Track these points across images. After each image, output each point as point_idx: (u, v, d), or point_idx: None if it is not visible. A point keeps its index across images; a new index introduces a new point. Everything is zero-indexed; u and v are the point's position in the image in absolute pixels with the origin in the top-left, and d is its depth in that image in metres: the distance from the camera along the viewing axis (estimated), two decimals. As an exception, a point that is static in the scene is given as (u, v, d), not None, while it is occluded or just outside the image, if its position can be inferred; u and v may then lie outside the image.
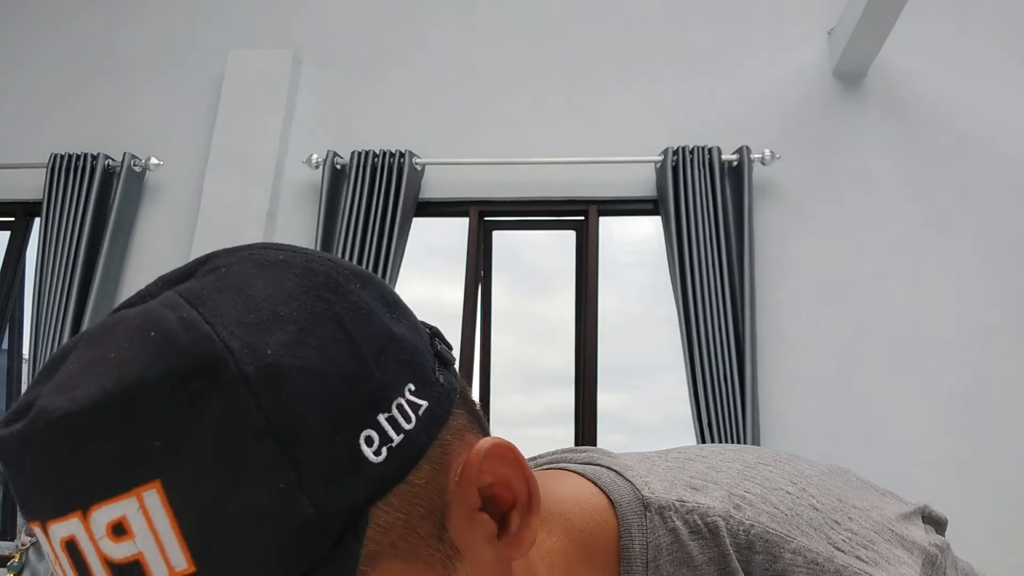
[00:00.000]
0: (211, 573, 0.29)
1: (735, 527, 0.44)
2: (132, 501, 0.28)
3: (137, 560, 0.29)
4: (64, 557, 0.30)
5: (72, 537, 0.29)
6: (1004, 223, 2.73)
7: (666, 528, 0.45)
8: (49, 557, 0.31)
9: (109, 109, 3.25)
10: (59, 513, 0.30)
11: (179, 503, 0.29)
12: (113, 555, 0.29)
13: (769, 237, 2.75)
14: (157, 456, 0.29)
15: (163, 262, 2.95)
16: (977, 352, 2.59)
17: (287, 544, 0.30)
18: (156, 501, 0.28)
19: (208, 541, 0.29)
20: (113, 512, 0.29)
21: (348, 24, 3.27)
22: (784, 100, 2.94)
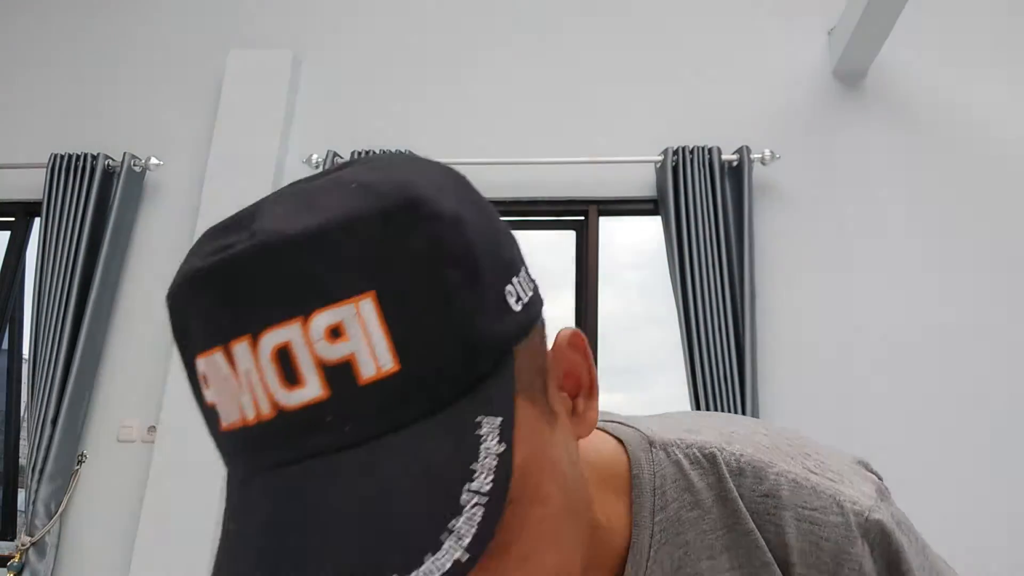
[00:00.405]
0: (412, 372, 0.34)
1: (728, 457, 0.52)
2: (350, 308, 0.34)
3: (349, 360, 0.33)
4: (272, 366, 0.34)
5: (287, 343, 0.34)
6: (1004, 223, 2.73)
7: (670, 460, 0.53)
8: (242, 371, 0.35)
9: (109, 109, 3.25)
10: (281, 319, 0.34)
11: (389, 312, 0.34)
12: (327, 356, 0.33)
13: (769, 237, 2.75)
14: (373, 272, 0.34)
15: (163, 262, 2.96)
16: (978, 352, 2.59)
17: (464, 357, 0.36)
18: (371, 308, 0.34)
19: (411, 345, 0.34)
20: (332, 317, 0.33)
21: (348, 24, 3.27)
22: (784, 100, 2.94)
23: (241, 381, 0.35)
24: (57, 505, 2.67)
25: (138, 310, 2.94)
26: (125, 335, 2.92)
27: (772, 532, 0.50)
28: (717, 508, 0.51)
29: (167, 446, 2.68)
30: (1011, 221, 2.72)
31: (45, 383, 2.73)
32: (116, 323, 2.93)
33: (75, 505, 2.72)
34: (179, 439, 2.68)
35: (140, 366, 2.86)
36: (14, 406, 3.41)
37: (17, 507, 3.10)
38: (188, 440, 2.68)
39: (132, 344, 2.90)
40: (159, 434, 2.70)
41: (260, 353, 0.34)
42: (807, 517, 0.50)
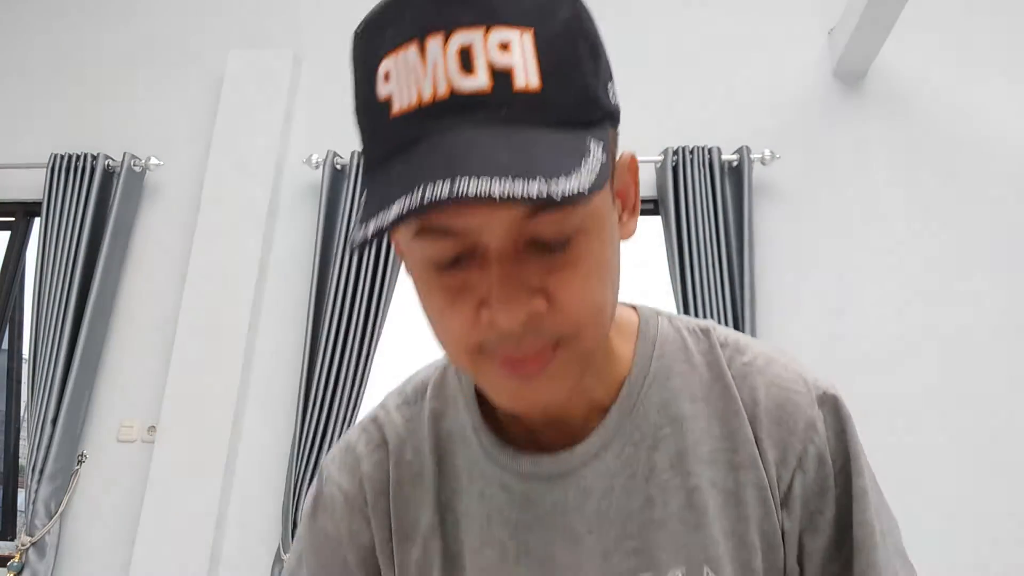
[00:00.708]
0: (549, 95, 0.46)
1: (719, 332, 0.65)
2: (517, 33, 0.46)
3: (510, 70, 0.45)
4: (455, 58, 0.45)
5: (470, 44, 0.45)
6: (1004, 222, 2.72)
7: (672, 327, 0.66)
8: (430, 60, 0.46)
9: (109, 109, 3.24)
10: (470, 23, 0.45)
11: (541, 48, 0.46)
12: (496, 61, 0.45)
13: (769, 237, 2.75)
14: (536, 17, 0.46)
15: (163, 262, 2.96)
16: (978, 351, 2.59)
17: (582, 101, 0.48)
18: (529, 40, 0.46)
19: (551, 76, 0.46)
20: (505, 35, 0.45)
21: (348, 24, 3.22)
22: (784, 100, 2.94)
23: (427, 69, 0.45)
24: (57, 505, 2.67)
25: (138, 310, 2.94)
26: (125, 335, 2.92)
27: (747, 392, 0.61)
28: (704, 367, 0.63)
29: (167, 446, 2.68)
30: (1011, 221, 2.72)
31: (45, 383, 2.73)
32: (116, 323, 2.93)
33: (75, 505, 2.72)
34: (179, 439, 2.68)
35: (140, 366, 2.86)
36: (14, 406, 3.41)
37: (17, 507, 3.10)
38: (188, 440, 2.68)
39: (132, 344, 2.90)
40: (159, 434, 2.70)
41: (449, 47, 0.45)
42: (776, 383, 0.62)
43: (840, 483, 0.60)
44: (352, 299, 2.72)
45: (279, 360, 2.81)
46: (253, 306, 2.82)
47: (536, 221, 0.47)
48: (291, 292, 2.88)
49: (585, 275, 0.50)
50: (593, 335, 0.52)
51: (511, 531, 0.60)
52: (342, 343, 2.67)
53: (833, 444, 0.60)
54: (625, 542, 0.59)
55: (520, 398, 0.52)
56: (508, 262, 0.48)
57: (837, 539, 0.60)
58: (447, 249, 0.48)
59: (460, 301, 0.49)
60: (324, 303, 2.74)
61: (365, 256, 2.76)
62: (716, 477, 0.60)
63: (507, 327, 0.47)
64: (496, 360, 0.50)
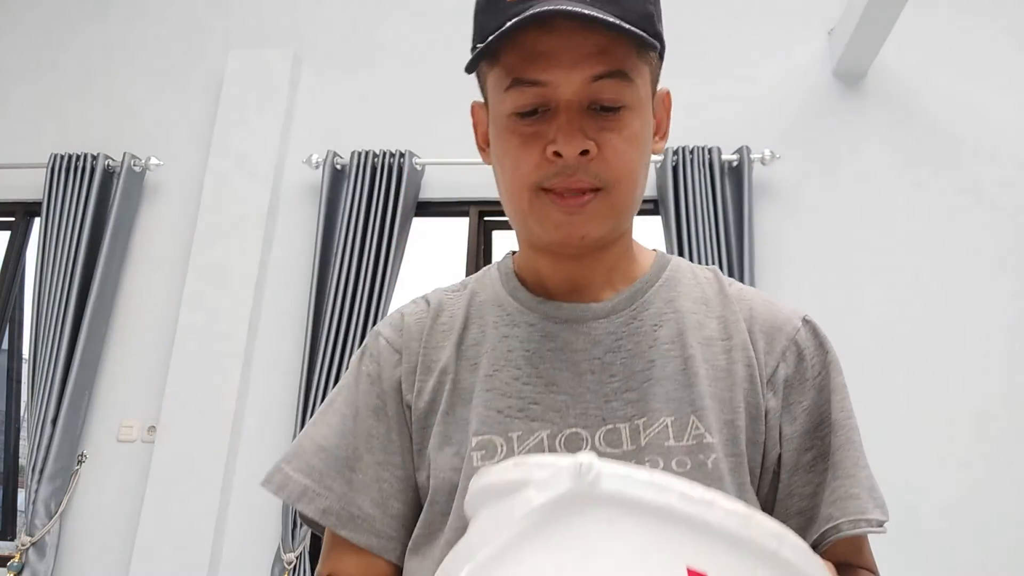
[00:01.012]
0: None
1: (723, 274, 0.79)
2: None
3: None
4: None
5: None
6: (1004, 222, 2.72)
7: (685, 263, 0.79)
8: None
9: (109, 109, 3.25)
10: None
11: None
12: None
13: (769, 237, 2.75)
14: None
15: (163, 262, 2.96)
16: (978, 351, 2.59)
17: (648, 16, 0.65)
18: None
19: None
20: None
21: (348, 24, 3.27)
22: (784, 100, 2.94)
23: None
24: (57, 505, 2.67)
25: (138, 310, 2.94)
26: (125, 335, 2.92)
27: (743, 304, 0.74)
28: (707, 285, 0.76)
29: (167, 446, 2.68)
30: (1011, 220, 2.72)
31: (45, 383, 2.73)
32: (116, 323, 2.93)
33: (75, 505, 2.72)
34: (179, 439, 2.68)
35: (140, 366, 2.86)
36: (14, 406, 3.41)
37: (17, 507, 3.10)
38: (188, 440, 2.68)
39: (132, 344, 2.90)
40: (159, 434, 2.70)
41: None
42: (768, 302, 0.75)
43: (819, 382, 0.71)
44: (352, 299, 2.72)
45: (279, 360, 2.81)
46: (253, 306, 2.82)
47: (599, 85, 0.63)
48: (291, 292, 2.88)
49: (627, 140, 0.66)
50: (625, 192, 0.67)
51: (527, 358, 0.71)
52: (342, 343, 2.67)
53: (812, 348, 0.73)
54: (626, 393, 0.68)
55: (565, 228, 0.66)
56: (573, 112, 0.64)
57: (811, 430, 0.70)
58: (529, 98, 0.65)
59: (532, 144, 0.65)
60: (324, 303, 2.74)
61: (365, 256, 2.76)
62: (710, 355, 0.70)
63: (567, 154, 0.63)
64: (550, 196, 0.66)
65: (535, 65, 0.63)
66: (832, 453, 0.69)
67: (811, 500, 0.68)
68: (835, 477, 0.68)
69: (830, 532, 0.66)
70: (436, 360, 0.74)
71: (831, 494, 0.67)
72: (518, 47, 0.64)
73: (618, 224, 0.70)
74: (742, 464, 0.67)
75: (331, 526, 0.70)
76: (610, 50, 0.63)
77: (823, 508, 0.67)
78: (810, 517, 0.68)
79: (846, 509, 0.66)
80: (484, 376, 0.71)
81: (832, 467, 0.68)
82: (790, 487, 0.69)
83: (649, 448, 0.66)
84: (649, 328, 0.72)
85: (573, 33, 0.62)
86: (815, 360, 0.72)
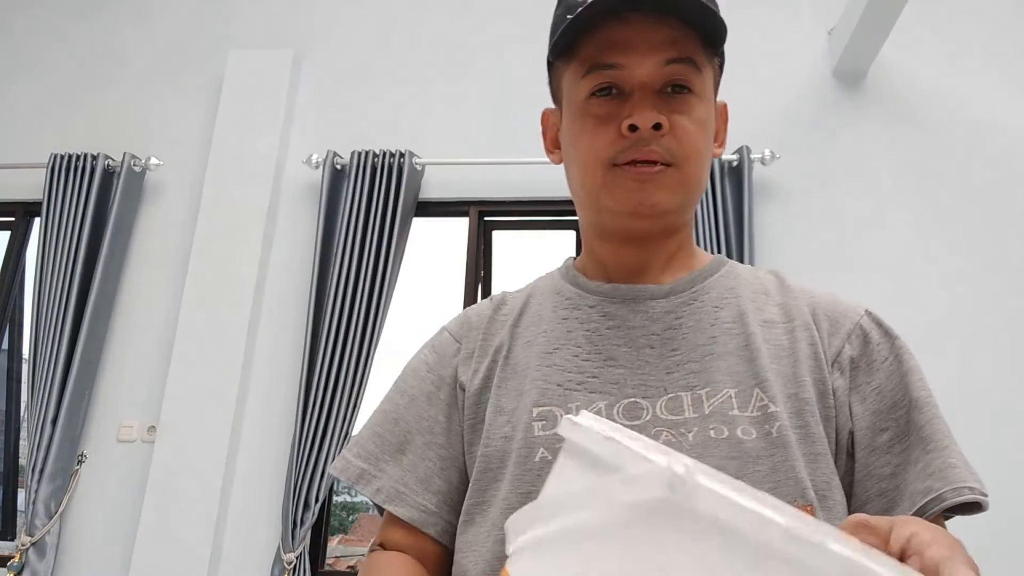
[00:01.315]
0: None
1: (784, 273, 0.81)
2: None
3: None
4: None
5: None
6: (1004, 222, 2.72)
7: (746, 265, 0.83)
8: None
9: (109, 109, 3.25)
10: None
11: None
12: None
13: (769, 237, 2.75)
14: None
15: (163, 262, 2.96)
16: (978, 351, 2.59)
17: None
18: None
19: None
20: None
21: (348, 24, 3.27)
22: (784, 100, 2.94)
23: None
24: (57, 505, 2.67)
25: (138, 310, 2.94)
26: (125, 335, 2.92)
27: (805, 296, 0.76)
28: (768, 280, 0.79)
29: (167, 446, 2.68)
30: (1011, 221, 2.72)
31: (45, 383, 2.73)
32: (116, 323, 2.93)
33: (75, 505, 2.72)
34: (179, 439, 2.68)
35: (140, 366, 2.86)
36: (14, 406, 3.41)
37: (17, 507, 3.10)
38: (188, 440, 2.68)
39: (132, 344, 2.90)
40: (159, 434, 2.70)
41: None
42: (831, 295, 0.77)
43: (889, 366, 0.72)
44: (352, 299, 2.72)
45: (279, 360, 2.81)
46: (253, 306, 2.82)
47: (671, 68, 0.69)
48: (291, 292, 2.88)
49: (695, 122, 0.70)
50: (693, 170, 0.71)
51: (587, 336, 0.74)
52: (342, 343, 2.67)
53: (878, 334, 0.73)
54: (688, 364, 0.70)
55: (637, 195, 0.70)
56: (648, 92, 0.69)
57: (884, 410, 0.70)
58: (606, 79, 0.70)
59: (607, 123, 0.70)
60: (324, 303, 2.74)
61: (365, 256, 2.76)
62: (771, 335, 0.72)
63: (642, 125, 0.67)
64: (623, 168, 0.70)
65: (612, 51, 0.69)
66: (920, 428, 0.69)
67: (892, 481, 0.68)
68: (927, 451, 0.67)
69: (931, 504, 0.64)
70: (492, 343, 0.79)
71: (925, 468, 0.66)
72: (595, 39, 0.70)
73: (685, 202, 0.73)
74: (810, 436, 0.67)
75: (381, 503, 0.76)
76: (681, 41, 0.69)
77: (915, 483, 0.66)
78: (893, 498, 0.67)
79: (947, 478, 0.65)
80: (543, 353, 0.74)
81: (922, 442, 0.68)
82: (867, 467, 0.69)
83: (713, 416, 0.67)
84: (710, 308, 0.74)
85: (647, 25, 0.68)
86: (882, 345, 0.73)
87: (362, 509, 4.28)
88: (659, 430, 0.67)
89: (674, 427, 0.67)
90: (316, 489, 2.56)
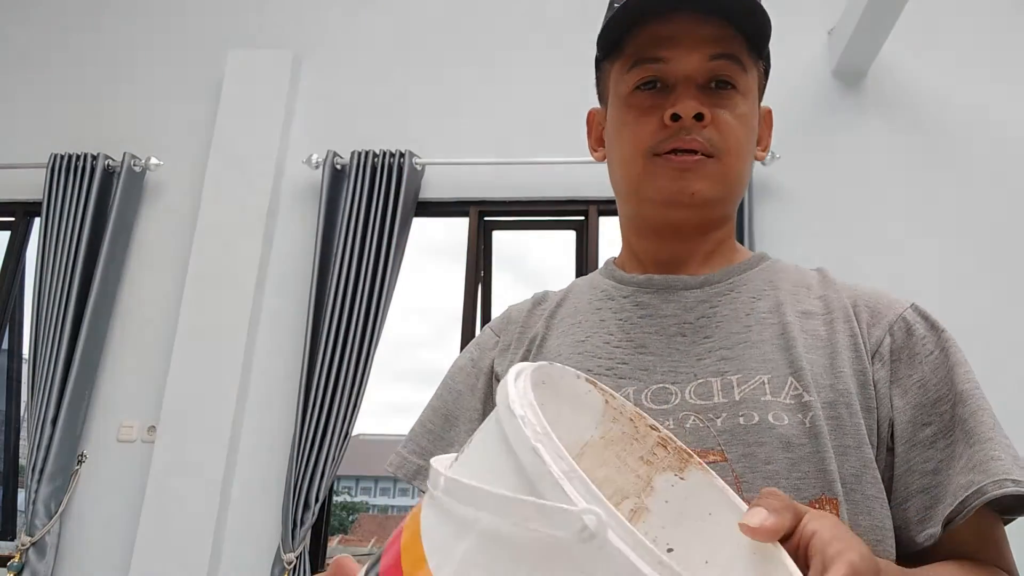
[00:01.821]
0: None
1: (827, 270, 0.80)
2: None
3: None
4: None
5: None
6: (1004, 222, 2.72)
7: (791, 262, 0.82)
8: None
9: (109, 109, 3.25)
10: None
11: None
12: None
13: (769, 237, 2.74)
14: None
15: (163, 262, 2.96)
16: (977, 352, 2.59)
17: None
18: None
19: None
20: None
21: (348, 24, 3.27)
22: (784, 100, 2.93)
23: None
24: (57, 505, 2.67)
25: (138, 310, 2.94)
26: (125, 335, 2.92)
27: (849, 291, 0.75)
28: (811, 275, 0.78)
29: (167, 446, 2.68)
30: (1011, 220, 2.72)
31: (45, 383, 2.73)
32: (116, 323, 2.93)
33: (75, 505, 2.72)
34: (179, 439, 2.68)
35: (140, 366, 2.86)
36: (14, 406, 3.41)
37: (17, 507, 3.10)
38: (188, 440, 2.68)
39: (132, 344, 2.90)
40: (159, 434, 2.70)
41: None
42: (875, 289, 0.75)
43: (934, 359, 0.69)
44: (352, 299, 2.72)
45: (279, 360, 2.81)
46: (253, 306, 2.82)
47: (715, 64, 0.70)
48: (291, 292, 2.88)
49: (738, 117, 0.71)
50: (734, 164, 0.72)
51: (620, 325, 0.75)
52: (342, 343, 2.67)
53: (923, 327, 0.71)
54: (719, 351, 0.70)
55: (678, 183, 0.70)
56: (691, 85, 0.70)
57: (928, 404, 0.67)
58: (651, 72, 0.71)
59: (649, 114, 0.71)
60: (324, 303, 2.74)
61: (365, 256, 2.76)
62: (809, 326, 0.71)
63: (684, 114, 0.68)
64: (664, 158, 0.70)
65: (658, 46, 0.71)
66: (964, 422, 0.66)
67: (934, 477, 0.65)
68: (970, 444, 0.64)
69: (971, 499, 0.61)
70: (528, 335, 0.81)
71: (968, 461, 0.63)
72: (641, 36, 0.72)
73: (725, 194, 0.73)
74: (842, 428, 0.65)
75: None
76: (725, 39, 0.71)
77: (958, 477, 0.63)
78: (935, 496, 0.64)
79: (989, 471, 0.61)
80: (576, 342, 0.75)
81: (966, 436, 0.65)
82: (908, 462, 0.66)
83: (745, 403, 0.65)
84: (747, 299, 0.74)
85: (692, 23, 0.70)
86: (927, 339, 0.70)
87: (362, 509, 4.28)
88: (687, 415, 0.66)
89: (702, 412, 0.66)
90: (316, 489, 2.56)
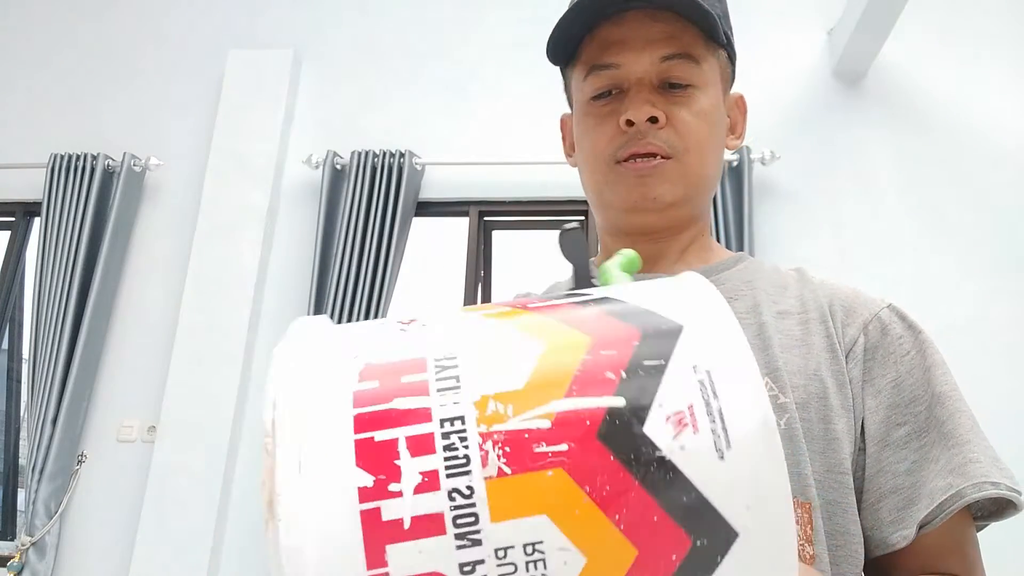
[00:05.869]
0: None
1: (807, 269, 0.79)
2: None
3: None
4: None
5: None
6: (1004, 222, 2.72)
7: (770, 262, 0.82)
8: None
9: (109, 109, 3.25)
10: None
11: None
12: None
13: (769, 237, 2.75)
14: None
15: (163, 262, 2.96)
16: (977, 351, 2.59)
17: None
18: None
19: None
20: None
21: (348, 24, 3.27)
22: (784, 100, 2.94)
23: None
24: (57, 505, 2.67)
25: (138, 309, 2.94)
26: (125, 335, 2.92)
27: (825, 290, 0.74)
28: (789, 276, 0.78)
29: (167, 446, 2.68)
30: (1011, 220, 2.72)
31: (45, 383, 2.73)
32: (116, 323, 2.93)
33: (75, 505, 2.72)
34: (179, 439, 2.68)
35: (140, 366, 2.86)
36: (14, 406, 3.41)
37: (17, 507, 3.10)
38: (188, 440, 2.68)
39: (132, 344, 2.90)
40: (159, 434, 2.70)
41: None
42: (853, 289, 0.74)
43: (910, 360, 0.69)
44: (352, 299, 2.72)
45: (279, 360, 2.81)
46: (253, 306, 2.82)
47: (667, 65, 0.69)
48: (291, 292, 2.88)
49: (696, 114, 0.70)
50: (695, 162, 0.71)
51: None
52: (342, 343, 2.67)
53: (900, 327, 0.71)
54: None
55: (639, 189, 0.70)
56: (644, 88, 0.70)
57: (901, 405, 0.67)
58: (604, 81, 0.71)
59: (606, 122, 0.71)
60: (324, 303, 2.74)
61: (365, 256, 2.76)
62: (784, 326, 0.70)
63: (637, 119, 0.68)
64: (624, 165, 0.70)
65: (608, 51, 0.70)
66: (941, 424, 0.65)
67: (907, 478, 0.64)
68: (948, 447, 0.63)
69: (949, 503, 0.60)
70: None
71: (946, 464, 0.62)
72: (594, 41, 0.71)
73: (689, 194, 0.72)
74: (816, 431, 0.64)
75: None
76: (677, 36, 0.70)
77: (934, 481, 0.62)
78: (909, 497, 0.63)
79: (967, 474, 0.61)
80: None
81: (943, 438, 0.64)
82: (880, 463, 0.65)
83: None
84: None
85: (642, 23, 0.69)
86: (904, 339, 0.70)
87: (362, 509, 4.29)
88: None
89: None
90: (316, 489, 2.56)
